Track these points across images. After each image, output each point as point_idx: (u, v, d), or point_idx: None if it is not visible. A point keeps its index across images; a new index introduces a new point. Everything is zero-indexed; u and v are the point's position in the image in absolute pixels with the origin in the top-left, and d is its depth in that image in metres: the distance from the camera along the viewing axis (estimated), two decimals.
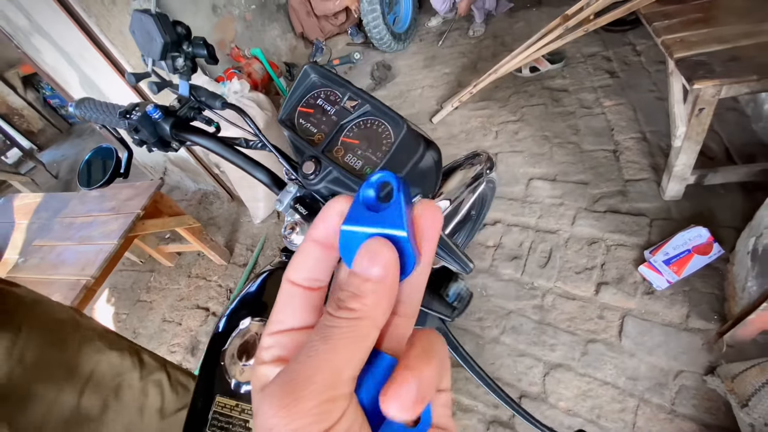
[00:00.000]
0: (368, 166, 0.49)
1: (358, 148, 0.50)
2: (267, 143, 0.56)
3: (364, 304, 0.15)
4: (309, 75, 0.54)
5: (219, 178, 2.38)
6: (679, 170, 1.43)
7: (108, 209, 1.66)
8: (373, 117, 0.49)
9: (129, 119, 0.54)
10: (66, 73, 2.12)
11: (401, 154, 0.47)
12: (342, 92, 0.52)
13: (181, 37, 0.52)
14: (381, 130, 0.49)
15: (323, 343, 0.14)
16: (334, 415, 0.13)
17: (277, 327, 0.17)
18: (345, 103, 0.51)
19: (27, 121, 4.48)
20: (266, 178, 0.57)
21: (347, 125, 0.51)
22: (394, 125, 0.47)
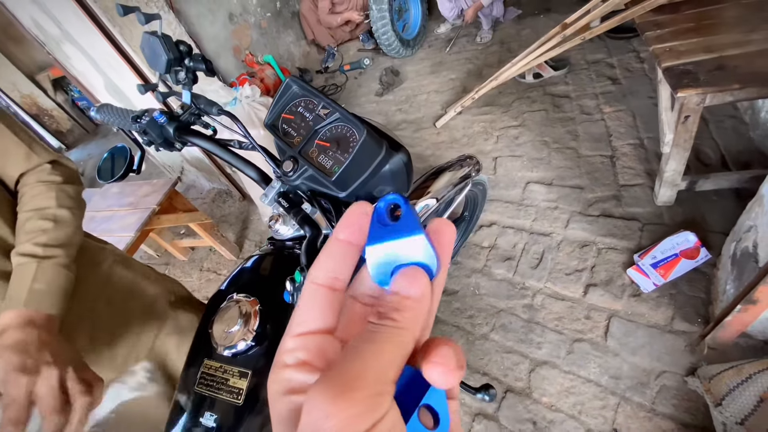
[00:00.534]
0: (336, 165, 0.57)
1: (330, 150, 0.58)
2: (255, 145, 0.64)
3: (404, 317, 0.17)
4: (291, 86, 0.63)
5: (232, 177, 2.50)
6: (669, 176, 1.46)
7: (127, 204, 1.79)
8: (341, 123, 0.57)
9: (139, 123, 0.64)
10: (93, 78, 2.28)
11: (363, 155, 0.55)
12: (317, 102, 0.60)
13: (183, 53, 0.61)
14: (349, 134, 0.57)
15: (370, 345, 0.16)
16: (382, 408, 0.14)
17: (301, 329, 0.18)
18: (319, 110, 0.59)
19: (56, 122, 4.74)
20: (255, 175, 0.66)
21: (321, 130, 0.59)
22: (358, 130, 0.55)
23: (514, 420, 1.29)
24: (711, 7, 1.49)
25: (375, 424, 0.14)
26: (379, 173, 0.60)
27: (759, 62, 1.20)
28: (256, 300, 0.59)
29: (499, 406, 1.33)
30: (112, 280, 0.88)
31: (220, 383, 0.54)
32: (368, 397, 0.14)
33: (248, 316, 0.57)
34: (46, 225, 0.65)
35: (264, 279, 0.66)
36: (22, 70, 4.40)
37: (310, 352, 0.18)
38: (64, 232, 0.68)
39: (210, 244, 2.16)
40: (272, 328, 0.59)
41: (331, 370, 0.15)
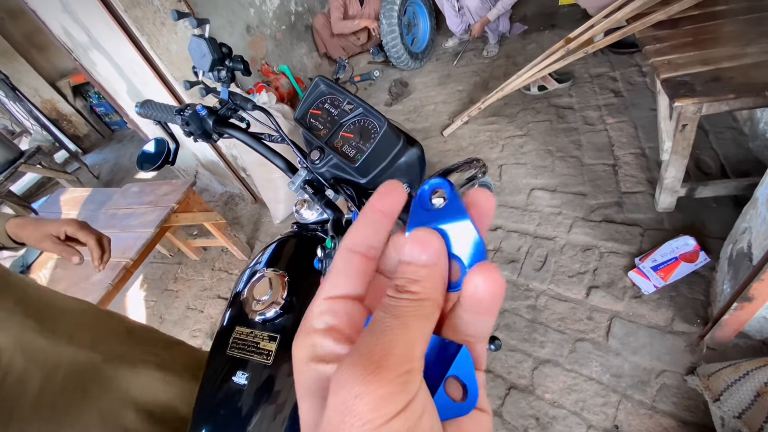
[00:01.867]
0: (359, 154, 0.63)
1: (353, 141, 0.65)
2: (285, 137, 0.71)
3: (424, 287, 0.17)
4: (319, 85, 0.70)
5: (245, 180, 2.59)
6: (669, 183, 1.51)
7: (147, 203, 1.87)
8: (364, 117, 0.64)
9: (183, 115, 0.71)
10: (116, 84, 2.39)
11: (384, 145, 0.62)
12: (342, 98, 0.67)
13: (224, 54, 0.68)
14: (370, 127, 0.64)
15: (394, 320, 0.15)
16: (413, 387, 0.14)
17: (333, 291, 0.18)
18: (344, 106, 0.66)
19: (74, 126, 4.89)
20: (283, 164, 0.73)
21: (345, 123, 0.66)
22: (379, 123, 0.62)
23: (517, 416, 1.32)
24: (708, 23, 1.56)
25: (407, 404, 0.13)
26: (396, 164, 0.66)
27: (753, 73, 1.27)
28: (284, 274, 0.65)
29: (502, 402, 1.37)
30: None
31: (251, 346, 0.60)
32: (398, 375, 0.14)
33: (277, 287, 0.63)
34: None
35: (290, 256, 0.72)
36: (44, 77, 4.57)
37: (338, 318, 0.18)
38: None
39: (222, 244, 2.24)
40: (298, 299, 0.65)
41: (358, 347, 0.15)
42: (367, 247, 0.19)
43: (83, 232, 0.82)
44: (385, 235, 0.20)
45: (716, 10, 1.63)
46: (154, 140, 0.88)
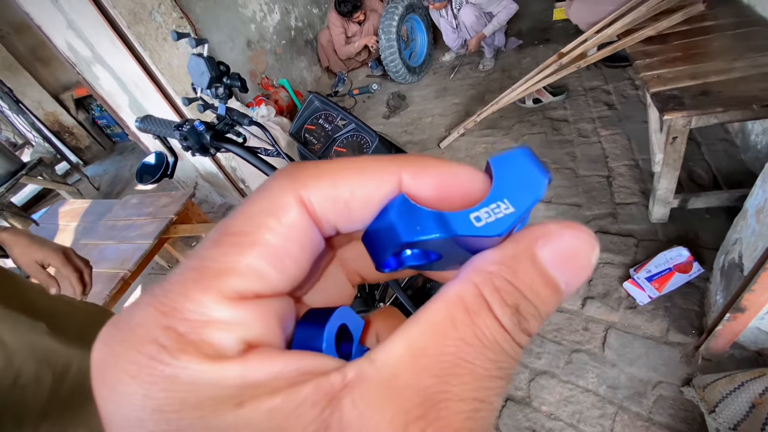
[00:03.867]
0: None
1: (346, 155, 0.67)
2: (281, 151, 0.73)
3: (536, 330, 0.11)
4: (313, 102, 0.72)
5: (244, 192, 2.61)
6: (661, 194, 1.53)
7: (146, 214, 1.88)
8: (356, 132, 0.66)
9: (181, 131, 0.73)
10: (118, 97, 2.43)
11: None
12: (336, 114, 0.69)
13: (222, 72, 0.71)
14: (362, 142, 0.66)
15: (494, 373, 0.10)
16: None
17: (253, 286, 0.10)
18: (338, 121, 0.69)
19: (76, 138, 4.94)
20: None
21: (338, 138, 0.68)
22: (371, 138, 0.64)
23: (513, 428, 1.32)
24: (697, 38, 1.61)
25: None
26: None
27: (741, 87, 1.30)
28: None
29: (499, 414, 1.36)
30: None
31: None
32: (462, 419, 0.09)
33: None
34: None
35: None
36: (48, 90, 4.63)
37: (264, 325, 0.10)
38: None
39: None
40: None
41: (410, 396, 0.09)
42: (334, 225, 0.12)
43: (67, 268, 0.83)
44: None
45: (705, 26, 1.67)
46: (153, 154, 0.90)
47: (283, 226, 0.11)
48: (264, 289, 0.10)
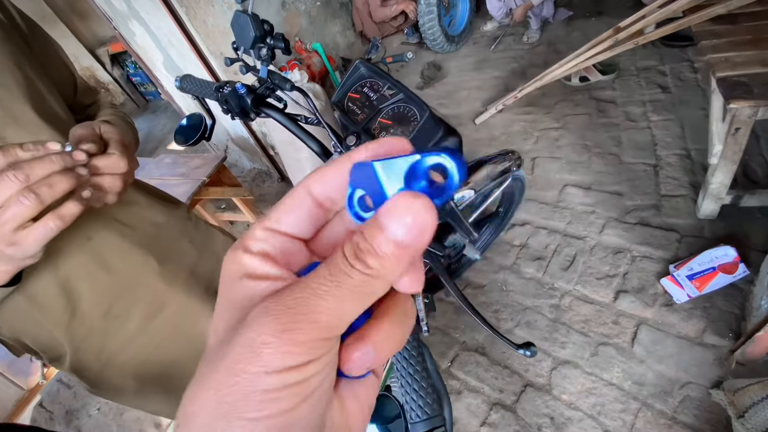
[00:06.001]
0: None
1: (391, 128, 0.63)
2: (321, 120, 0.70)
3: (383, 266, 0.14)
4: (359, 68, 0.68)
5: (273, 158, 2.61)
6: (714, 189, 1.43)
7: (179, 174, 1.91)
8: (404, 103, 0.62)
9: (222, 92, 0.71)
10: (153, 55, 2.43)
11: (424, 133, 0.60)
12: (383, 83, 0.65)
13: (266, 32, 0.67)
14: (410, 114, 0.62)
15: (335, 288, 0.14)
16: (319, 352, 0.14)
17: (275, 225, 0.18)
18: (384, 91, 0.65)
19: (111, 95, 5.04)
20: (317, 148, 0.72)
21: (384, 109, 0.64)
22: (420, 110, 0.60)
23: (531, 413, 1.32)
24: None
25: (307, 363, 0.14)
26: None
27: None
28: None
29: (518, 398, 1.36)
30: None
31: None
32: (311, 341, 0.14)
33: None
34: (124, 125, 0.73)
35: None
36: (84, 44, 4.69)
37: (274, 248, 0.17)
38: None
39: (249, 219, 2.28)
40: None
41: (286, 296, 0.14)
42: (329, 199, 0.18)
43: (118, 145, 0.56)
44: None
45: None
46: (191, 115, 0.89)
47: (294, 198, 0.18)
48: (278, 227, 0.18)
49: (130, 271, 0.70)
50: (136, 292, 0.71)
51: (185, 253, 0.82)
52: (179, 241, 0.82)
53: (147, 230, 0.74)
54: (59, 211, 0.44)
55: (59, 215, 0.44)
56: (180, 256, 0.81)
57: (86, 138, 0.53)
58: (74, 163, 0.46)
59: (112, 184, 0.54)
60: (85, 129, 0.55)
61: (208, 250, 0.88)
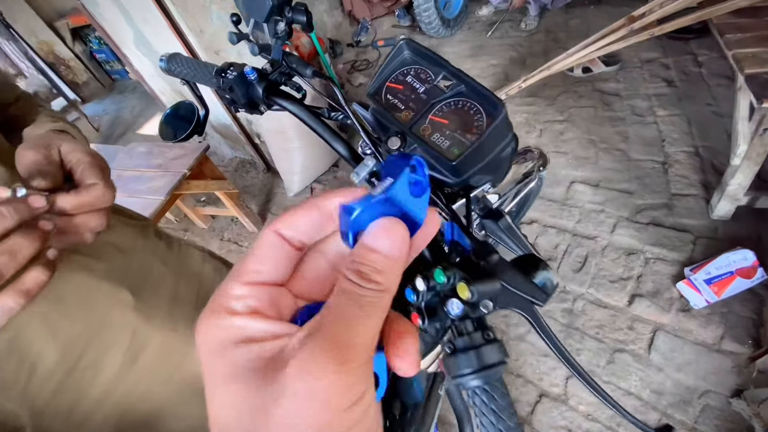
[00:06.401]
0: (456, 147, 0.49)
1: (447, 129, 0.51)
2: (350, 115, 0.57)
3: (387, 279, 0.16)
4: (403, 50, 0.55)
5: (258, 147, 2.42)
6: (732, 190, 1.38)
7: (155, 166, 1.72)
8: (465, 98, 0.50)
9: (224, 78, 0.56)
10: (121, 30, 2.17)
11: (493, 138, 0.48)
12: (435, 71, 0.52)
13: (283, 1, 0.53)
14: (473, 112, 0.49)
15: (359, 310, 0.15)
16: (369, 376, 0.15)
17: (255, 278, 0.18)
18: (438, 81, 0.52)
19: (73, 73, 4.62)
20: (345, 150, 0.58)
21: (437, 104, 0.51)
22: (491, 109, 0.47)
23: (548, 426, 1.25)
24: None
25: (364, 393, 0.15)
26: (496, 160, 0.53)
27: None
28: None
29: (532, 409, 1.29)
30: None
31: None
32: (361, 365, 0.15)
33: None
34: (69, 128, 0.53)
35: None
36: (41, 16, 4.25)
37: (262, 302, 0.17)
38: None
39: (232, 214, 2.11)
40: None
41: (322, 333, 0.15)
42: (300, 241, 0.19)
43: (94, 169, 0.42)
44: (322, 233, 0.20)
45: None
46: (180, 104, 0.73)
47: (267, 247, 0.18)
48: (260, 278, 0.18)
49: (99, 311, 0.56)
50: (109, 336, 0.58)
51: (162, 279, 0.70)
52: (153, 266, 0.69)
53: (114, 258, 0.61)
54: (21, 285, 0.31)
55: (22, 291, 0.31)
56: (156, 283, 0.68)
57: (42, 167, 0.38)
58: (32, 213, 0.32)
59: (94, 223, 0.41)
60: (36, 151, 0.39)
61: (187, 271, 0.77)
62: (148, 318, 0.64)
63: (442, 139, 0.50)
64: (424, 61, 0.54)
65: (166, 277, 0.72)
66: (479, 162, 0.50)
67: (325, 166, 2.34)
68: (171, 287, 0.71)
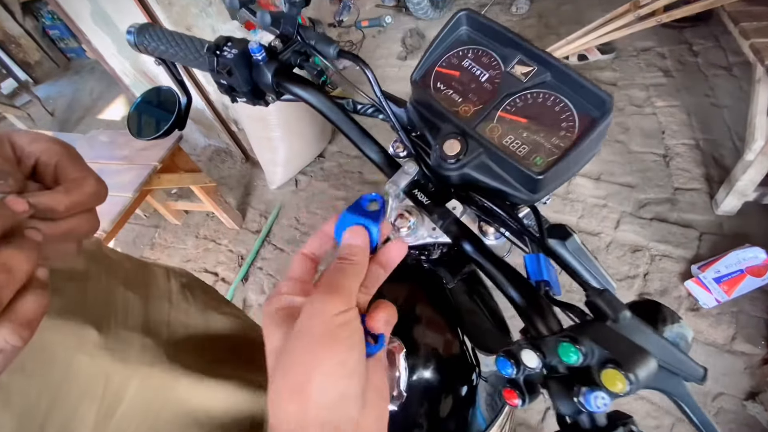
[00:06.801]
0: (539, 155, 0.38)
1: (524, 130, 0.39)
2: (387, 108, 0.44)
3: (358, 258, 0.28)
4: (460, 26, 0.42)
5: (236, 135, 2.23)
6: (742, 185, 1.34)
7: (120, 158, 1.52)
8: (552, 91, 0.38)
9: (221, 57, 0.42)
10: (78, 4, 1.91)
11: (589, 145, 0.36)
12: (508, 53, 0.40)
13: None
14: (559, 109, 0.38)
15: (345, 269, 0.27)
16: (352, 303, 0.26)
17: (291, 274, 0.30)
18: (512, 67, 0.40)
19: (24, 51, 4.17)
20: (377, 155, 0.46)
21: (511, 96, 0.40)
22: (590, 106, 0.36)
23: None
24: None
25: (348, 311, 0.25)
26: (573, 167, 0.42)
27: None
28: (398, 344, 0.41)
29: (542, 417, 1.23)
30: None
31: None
32: (346, 296, 0.25)
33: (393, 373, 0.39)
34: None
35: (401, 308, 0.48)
36: None
37: (294, 290, 0.28)
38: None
39: (208, 209, 1.93)
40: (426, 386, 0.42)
41: (321, 284, 0.26)
42: (315, 255, 0.31)
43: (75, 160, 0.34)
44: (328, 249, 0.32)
45: None
46: (155, 90, 0.58)
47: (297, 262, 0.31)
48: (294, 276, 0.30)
49: (59, 360, 0.44)
50: (76, 390, 0.45)
51: (128, 305, 0.57)
52: (115, 291, 0.56)
53: (66, 289, 0.48)
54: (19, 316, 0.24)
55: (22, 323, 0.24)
56: (123, 311, 0.56)
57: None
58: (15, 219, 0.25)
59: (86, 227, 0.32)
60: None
61: (155, 292, 0.64)
62: (122, 357, 0.51)
63: (518, 143, 0.38)
64: (491, 40, 0.41)
65: (133, 303, 0.58)
66: (566, 174, 0.39)
67: (311, 157, 2.18)
68: (140, 314, 0.59)
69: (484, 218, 0.47)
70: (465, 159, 0.40)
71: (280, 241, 1.92)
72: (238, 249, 1.95)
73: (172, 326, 0.63)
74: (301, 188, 2.11)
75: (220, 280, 1.86)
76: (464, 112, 0.41)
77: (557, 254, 0.47)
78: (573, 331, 0.30)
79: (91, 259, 0.56)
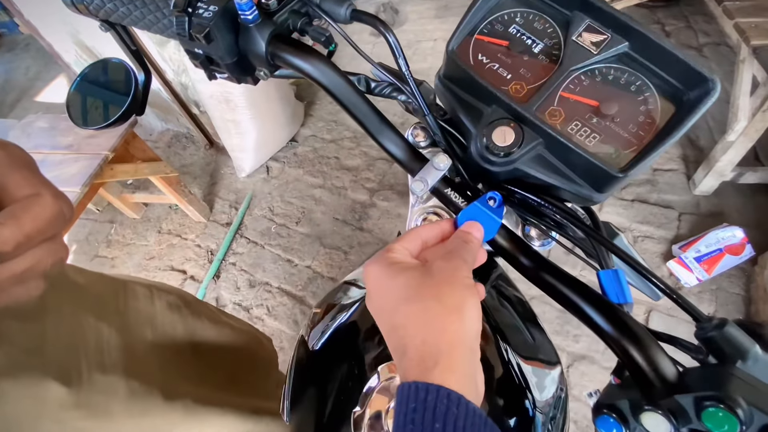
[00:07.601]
0: (615, 147, 0.31)
1: (593, 115, 0.31)
2: (413, 87, 0.35)
3: (472, 241, 0.31)
4: None
5: (198, 119, 2.04)
6: (721, 166, 1.36)
7: (64, 147, 1.32)
8: (625, 66, 0.31)
9: (195, 16, 0.31)
10: None
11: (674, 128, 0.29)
12: (569, 17, 0.32)
13: None
14: (635, 89, 0.31)
15: (462, 252, 0.30)
16: (470, 273, 0.29)
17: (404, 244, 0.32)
18: (578, 34, 0.32)
19: None
20: (403, 152, 0.37)
21: (575, 72, 0.32)
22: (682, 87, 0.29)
23: None
24: None
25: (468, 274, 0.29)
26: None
27: None
28: None
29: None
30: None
31: None
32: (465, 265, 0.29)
33: None
34: None
35: None
36: None
37: (407, 255, 0.31)
38: None
39: (172, 201, 1.76)
40: None
41: (451, 254, 0.30)
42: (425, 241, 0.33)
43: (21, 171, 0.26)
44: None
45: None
46: (102, 64, 0.45)
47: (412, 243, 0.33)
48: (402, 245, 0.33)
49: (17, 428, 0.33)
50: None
51: (102, 342, 0.47)
52: (83, 324, 0.46)
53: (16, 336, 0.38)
54: None
55: None
56: (95, 350, 0.46)
57: None
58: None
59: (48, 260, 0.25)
60: None
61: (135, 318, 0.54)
62: (101, 413, 0.41)
63: (586, 131, 0.31)
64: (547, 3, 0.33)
65: (109, 338, 0.48)
66: (644, 169, 0.32)
67: (283, 141, 2.03)
68: (119, 349, 0.48)
69: (532, 219, 0.40)
70: (521, 151, 0.32)
71: (253, 234, 1.79)
72: (206, 244, 1.80)
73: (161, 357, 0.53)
74: (274, 176, 1.97)
75: (189, 279, 1.71)
76: (515, 91, 0.33)
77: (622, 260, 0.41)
78: (713, 386, 0.23)
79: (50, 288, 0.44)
